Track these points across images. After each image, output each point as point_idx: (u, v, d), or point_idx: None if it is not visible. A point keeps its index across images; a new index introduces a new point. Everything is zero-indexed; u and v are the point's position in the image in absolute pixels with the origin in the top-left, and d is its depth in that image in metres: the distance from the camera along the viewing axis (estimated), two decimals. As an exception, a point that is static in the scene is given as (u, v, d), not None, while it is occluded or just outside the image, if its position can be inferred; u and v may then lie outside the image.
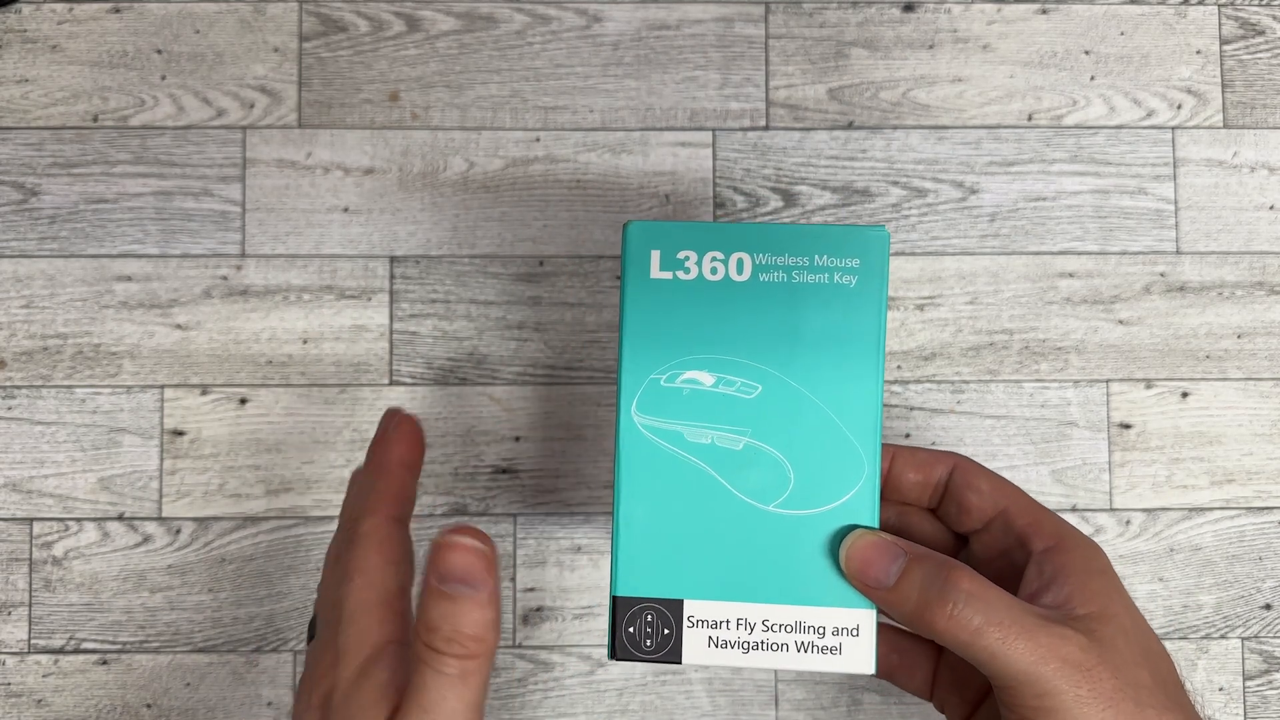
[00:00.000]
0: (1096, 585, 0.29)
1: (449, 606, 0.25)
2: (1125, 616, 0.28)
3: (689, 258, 0.29)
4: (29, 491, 0.43)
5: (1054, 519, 0.31)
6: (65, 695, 0.43)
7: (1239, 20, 0.46)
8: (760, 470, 0.29)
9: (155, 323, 0.44)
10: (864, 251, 0.29)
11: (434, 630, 0.25)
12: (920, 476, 0.33)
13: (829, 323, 0.29)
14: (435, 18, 0.45)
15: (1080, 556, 0.30)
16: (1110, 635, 0.28)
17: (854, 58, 0.45)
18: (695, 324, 0.29)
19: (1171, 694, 0.28)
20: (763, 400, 0.29)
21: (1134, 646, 0.28)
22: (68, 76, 0.44)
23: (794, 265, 0.29)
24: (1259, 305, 0.45)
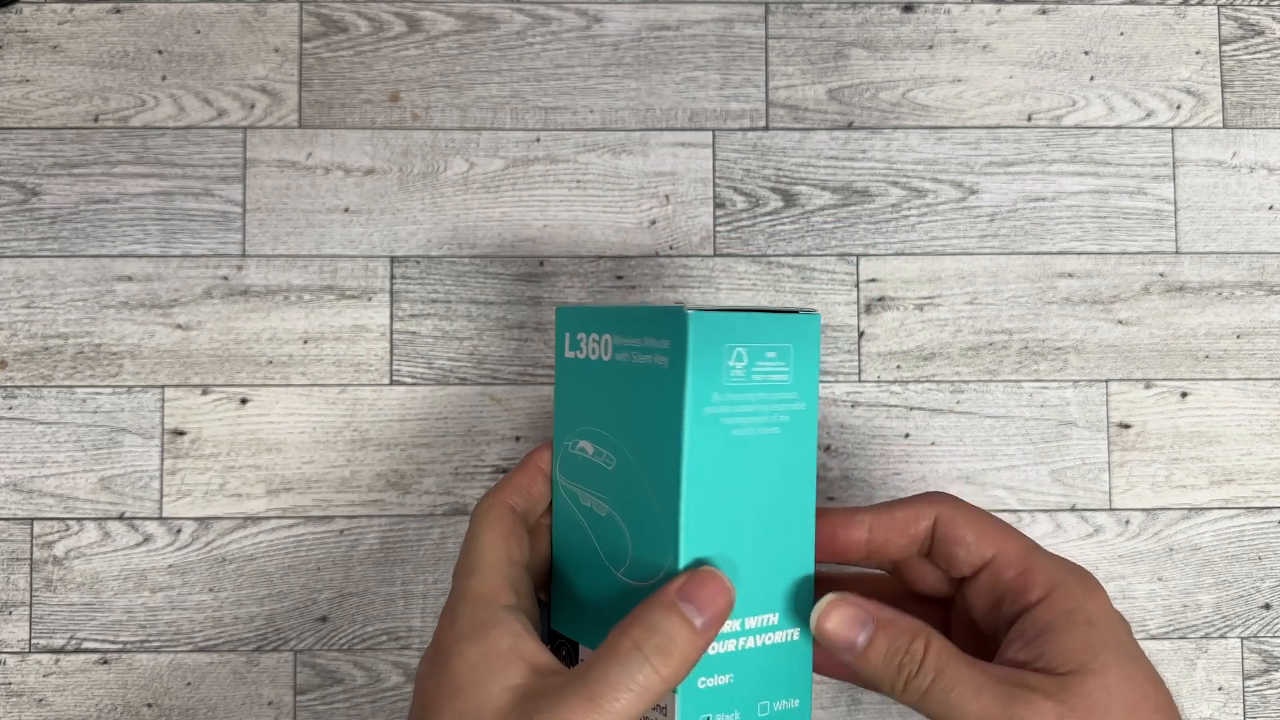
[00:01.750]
0: (1081, 640, 0.28)
1: (675, 622, 0.26)
2: (1112, 670, 0.27)
3: (583, 339, 0.32)
4: (30, 491, 0.43)
5: (1046, 566, 0.30)
6: (66, 695, 0.43)
7: (1238, 20, 0.46)
8: (614, 537, 0.31)
9: (156, 323, 0.44)
10: (669, 333, 0.29)
11: (652, 632, 0.26)
12: (903, 540, 0.32)
13: (650, 402, 0.29)
14: (436, 18, 0.45)
15: (1068, 609, 0.29)
16: (1086, 692, 0.27)
17: (854, 58, 0.45)
18: (584, 398, 0.32)
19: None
20: (616, 472, 0.31)
21: (1115, 703, 0.27)
22: (68, 77, 0.44)
23: (632, 346, 0.30)
24: (1258, 305, 0.45)
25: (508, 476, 0.33)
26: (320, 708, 0.43)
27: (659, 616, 0.26)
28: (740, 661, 0.29)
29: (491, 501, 0.32)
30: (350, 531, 0.44)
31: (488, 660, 0.27)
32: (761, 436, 0.29)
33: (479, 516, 0.32)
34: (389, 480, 0.44)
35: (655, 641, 0.26)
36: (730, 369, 0.29)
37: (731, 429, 0.29)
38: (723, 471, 0.29)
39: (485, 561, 0.30)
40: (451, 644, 0.28)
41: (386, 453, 0.44)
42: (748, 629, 0.30)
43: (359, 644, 0.43)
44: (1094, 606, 0.29)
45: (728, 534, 0.29)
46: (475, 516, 0.32)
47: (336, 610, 0.43)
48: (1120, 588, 0.44)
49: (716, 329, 0.28)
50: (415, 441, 0.44)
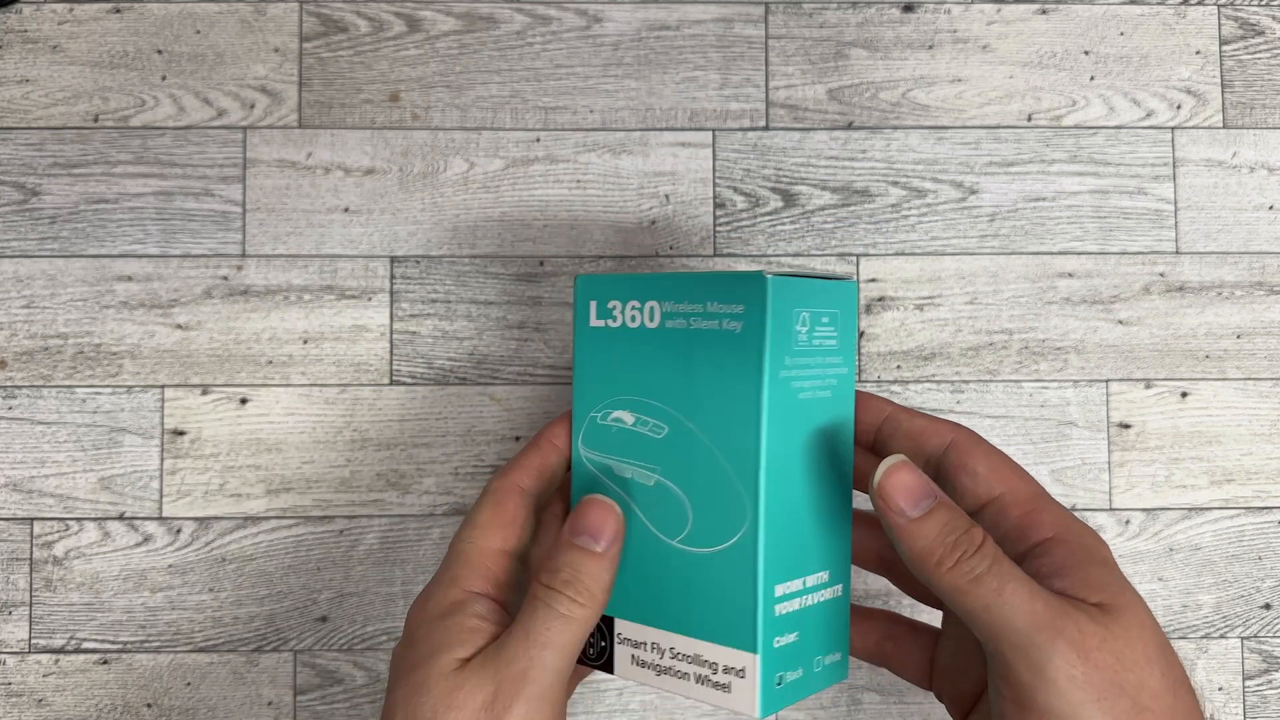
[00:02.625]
0: (1102, 577, 0.27)
1: (575, 555, 0.29)
2: (1141, 610, 0.26)
3: (616, 307, 0.31)
4: (30, 491, 0.43)
5: (1054, 510, 0.29)
6: (66, 695, 0.43)
7: (1238, 20, 0.46)
8: (666, 506, 0.31)
9: (156, 323, 0.44)
10: (746, 298, 0.29)
11: (555, 573, 0.29)
12: (911, 445, 0.31)
13: (718, 369, 0.30)
14: (435, 18, 0.45)
15: (1083, 548, 0.28)
16: (1122, 626, 0.26)
17: (854, 58, 0.45)
18: (620, 367, 0.31)
19: (1183, 701, 0.26)
20: (669, 441, 0.31)
21: (1148, 642, 0.26)
22: (68, 77, 0.44)
23: (691, 312, 0.30)
24: (1258, 305, 0.45)
25: (520, 455, 0.33)
26: (320, 708, 0.43)
27: (560, 555, 0.29)
28: (803, 619, 0.30)
29: (499, 484, 0.32)
30: (350, 531, 0.44)
31: (447, 639, 0.29)
32: (817, 399, 0.30)
33: (484, 498, 0.32)
34: (389, 480, 0.44)
35: (563, 576, 0.29)
36: (797, 334, 0.30)
37: (798, 392, 0.30)
38: (790, 434, 0.30)
39: (473, 547, 0.31)
40: (418, 625, 0.30)
41: (386, 453, 0.44)
42: (808, 587, 0.31)
43: (359, 644, 0.43)
44: (1106, 553, 0.29)
45: (793, 494, 0.30)
46: (482, 496, 0.32)
47: (336, 610, 0.43)
48: (1120, 588, 0.44)
49: (789, 294, 0.29)
50: (415, 441, 0.44)
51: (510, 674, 0.28)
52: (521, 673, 0.28)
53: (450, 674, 0.28)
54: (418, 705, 0.28)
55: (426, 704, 0.28)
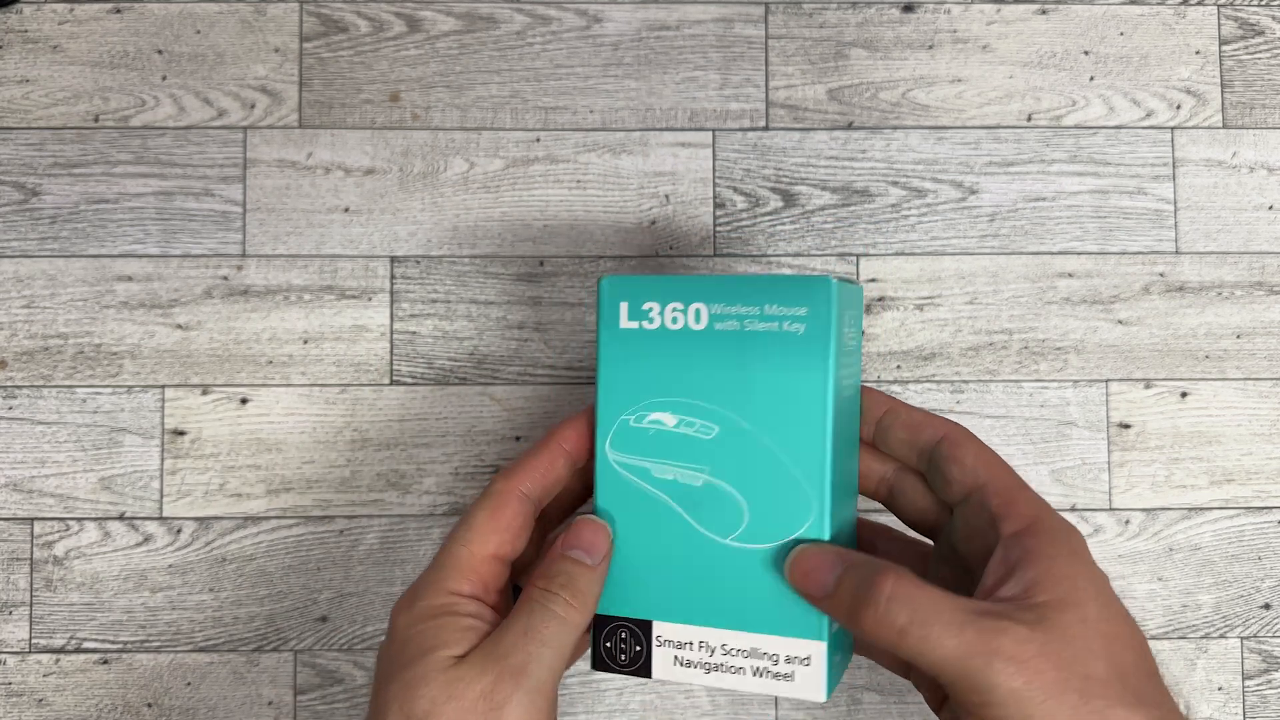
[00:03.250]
0: (1060, 571, 0.28)
1: (569, 565, 0.30)
2: (1090, 604, 0.27)
3: (653, 309, 0.31)
4: (30, 491, 0.43)
5: (1031, 501, 0.30)
6: (66, 695, 0.43)
7: (1238, 20, 0.46)
8: (717, 505, 0.31)
9: (156, 323, 0.44)
10: (810, 300, 0.30)
11: (552, 578, 0.30)
12: (907, 436, 0.32)
13: (779, 369, 0.30)
14: (436, 18, 0.45)
15: (1048, 541, 0.28)
16: (1064, 624, 0.26)
17: (854, 58, 0.45)
18: (659, 369, 0.31)
19: (1132, 685, 0.26)
20: (720, 440, 0.31)
21: (1092, 635, 0.27)
22: (69, 77, 0.44)
23: (746, 314, 0.30)
24: (1258, 305, 0.45)
25: (526, 456, 0.33)
26: (320, 708, 0.43)
27: (556, 565, 0.31)
28: None
29: (501, 486, 0.32)
30: (350, 531, 0.44)
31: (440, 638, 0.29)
32: (849, 396, 0.32)
33: (485, 499, 0.32)
34: (389, 480, 0.44)
35: (560, 580, 0.30)
36: (845, 334, 0.31)
37: (843, 390, 0.31)
38: (838, 429, 0.31)
39: (465, 551, 0.31)
40: (407, 625, 0.30)
41: (386, 453, 0.44)
42: None
43: (359, 644, 0.43)
44: (1076, 543, 0.29)
45: (841, 486, 0.31)
46: (482, 497, 0.32)
47: (336, 610, 0.43)
48: (1120, 588, 0.44)
49: (843, 298, 0.31)
50: (415, 441, 0.44)
51: (509, 666, 0.28)
52: (520, 666, 0.28)
53: (446, 669, 0.28)
54: (413, 699, 0.28)
55: (424, 696, 0.28)
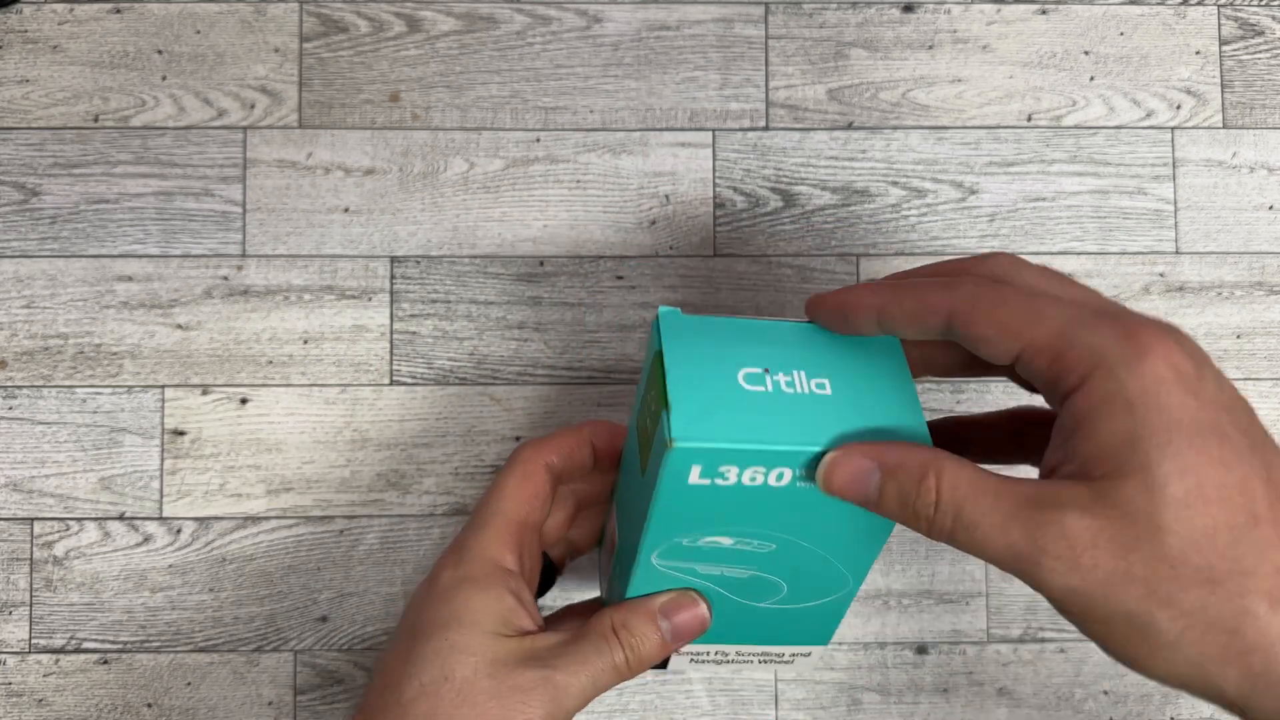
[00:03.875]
0: (1118, 432, 0.23)
1: (653, 635, 0.31)
2: (1163, 464, 0.22)
3: (731, 471, 0.27)
4: (30, 491, 0.43)
5: (1082, 344, 0.24)
6: (66, 695, 0.43)
7: (1238, 20, 0.46)
8: (756, 587, 0.32)
9: (156, 323, 0.44)
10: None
11: (631, 633, 0.30)
12: (914, 330, 0.28)
13: (855, 511, 0.28)
14: (435, 18, 0.45)
15: (1104, 395, 0.24)
16: (1124, 498, 0.22)
17: (854, 58, 0.45)
18: (725, 512, 0.28)
19: (1212, 557, 0.22)
20: (775, 553, 0.30)
21: (1162, 503, 0.22)
22: (68, 77, 0.44)
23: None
24: (1258, 305, 0.45)
25: (555, 435, 0.33)
26: (320, 708, 0.43)
27: (641, 623, 0.31)
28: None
29: (531, 454, 0.32)
30: (350, 531, 0.44)
31: (487, 609, 0.30)
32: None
33: (514, 466, 0.32)
34: (389, 480, 0.44)
35: (635, 641, 0.30)
36: None
37: None
38: None
39: (502, 517, 0.32)
40: (455, 583, 0.30)
41: (386, 453, 0.44)
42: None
43: (359, 644, 0.43)
44: (1139, 384, 0.23)
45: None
46: (511, 464, 0.32)
47: (336, 610, 0.43)
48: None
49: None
50: (415, 441, 0.44)
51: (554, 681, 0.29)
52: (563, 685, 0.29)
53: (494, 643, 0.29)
54: (455, 661, 0.28)
55: (466, 664, 0.28)
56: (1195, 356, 0.24)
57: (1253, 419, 0.24)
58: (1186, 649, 0.22)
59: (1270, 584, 0.22)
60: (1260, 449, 0.23)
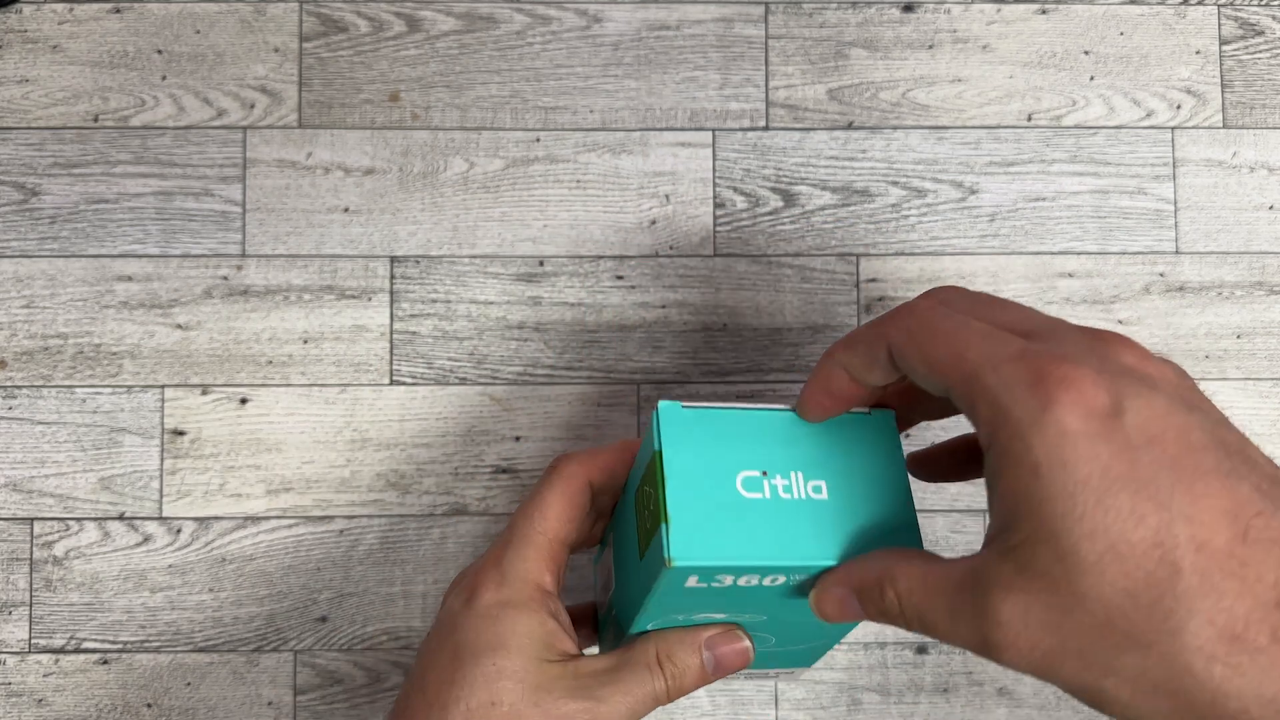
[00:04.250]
0: (1025, 498, 0.22)
1: (697, 669, 0.31)
2: (1066, 535, 0.21)
3: (726, 578, 0.28)
4: (30, 491, 0.43)
5: (990, 394, 0.23)
6: (66, 695, 0.43)
7: (1239, 20, 0.46)
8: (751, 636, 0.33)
9: (156, 323, 0.44)
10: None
11: (674, 664, 0.31)
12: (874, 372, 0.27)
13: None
14: (435, 18, 0.45)
15: (1008, 457, 0.22)
16: (1041, 567, 0.21)
17: (854, 58, 0.45)
18: (717, 601, 0.30)
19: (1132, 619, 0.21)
20: (765, 622, 0.32)
21: (1077, 571, 0.21)
22: (68, 77, 0.44)
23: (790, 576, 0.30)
24: (1258, 305, 0.45)
25: (597, 451, 0.33)
26: (320, 708, 0.43)
27: (686, 654, 0.31)
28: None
29: (576, 471, 0.32)
30: (350, 531, 0.44)
31: (532, 634, 0.30)
32: None
33: (557, 482, 0.32)
34: (389, 480, 0.44)
35: (677, 670, 0.31)
36: None
37: None
38: None
39: (544, 536, 0.31)
40: (498, 605, 0.30)
41: (386, 453, 0.44)
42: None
43: (359, 644, 0.43)
44: (1043, 442, 0.22)
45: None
46: (554, 479, 0.32)
47: (336, 610, 0.43)
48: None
49: None
50: (415, 441, 0.44)
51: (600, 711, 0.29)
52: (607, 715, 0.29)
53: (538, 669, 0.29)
54: (499, 689, 0.29)
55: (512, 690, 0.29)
56: (1115, 386, 0.22)
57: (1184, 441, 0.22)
58: (1143, 710, 0.21)
59: (1202, 638, 0.20)
60: (1187, 481, 0.21)
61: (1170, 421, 0.22)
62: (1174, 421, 0.22)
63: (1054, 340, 0.24)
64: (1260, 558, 0.20)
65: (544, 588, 0.31)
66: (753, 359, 0.44)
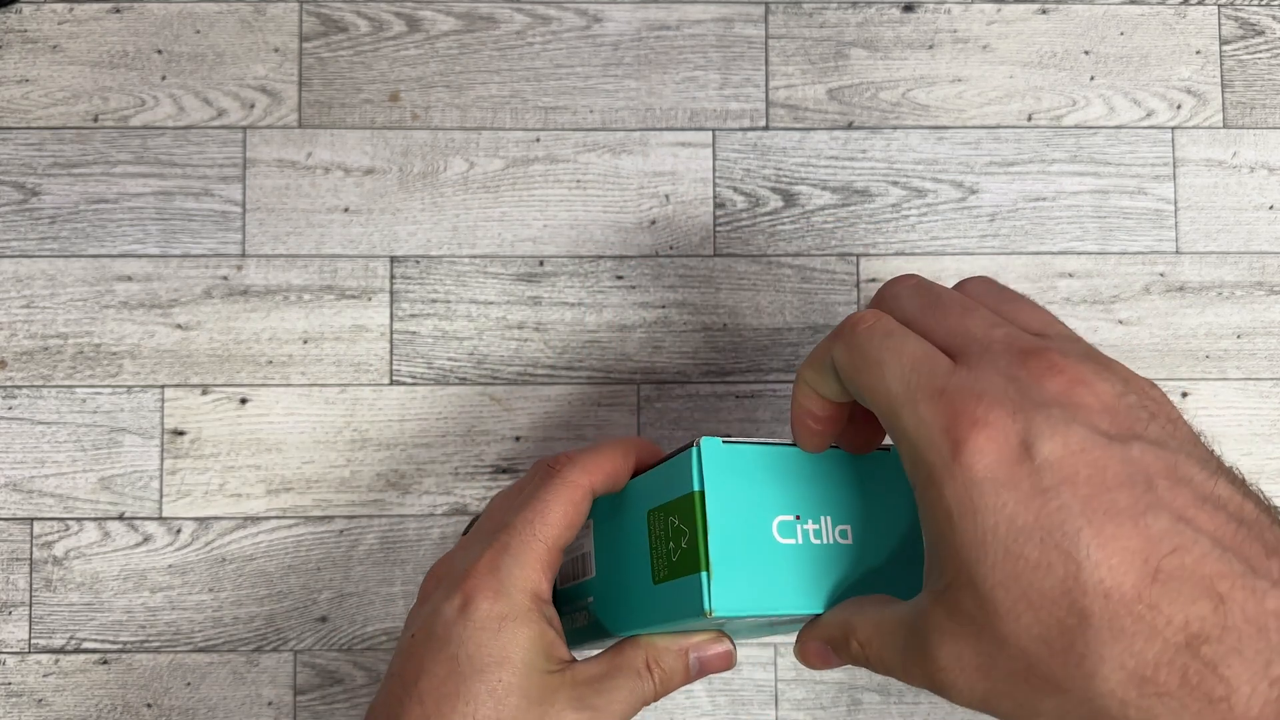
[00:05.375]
0: (945, 545, 0.22)
1: (683, 672, 0.32)
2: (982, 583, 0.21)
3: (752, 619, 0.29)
4: (30, 491, 0.43)
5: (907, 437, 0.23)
6: (66, 695, 0.43)
7: (1239, 20, 0.46)
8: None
9: (156, 323, 0.44)
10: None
11: (663, 669, 0.31)
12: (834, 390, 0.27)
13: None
14: (435, 18, 0.45)
15: (927, 503, 0.23)
16: (967, 611, 0.22)
17: (854, 58, 0.45)
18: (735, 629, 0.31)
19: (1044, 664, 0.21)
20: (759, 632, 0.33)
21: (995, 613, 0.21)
22: (68, 76, 0.44)
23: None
24: (1258, 305, 0.45)
25: (599, 453, 0.32)
26: (320, 708, 0.43)
27: (674, 660, 0.31)
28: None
29: (578, 478, 0.31)
30: (350, 531, 0.43)
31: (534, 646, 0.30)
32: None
33: (560, 489, 0.31)
34: (389, 480, 0.44)
35: (662, 675, 0.31)
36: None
37: None
38: None
39: (544, 544, 0.31)
40: (498, 618, 0.30)
41: (386, 453, 0.44)
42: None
43: (359, 644, 0.43)
44: (955, 491, 0.22)
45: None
46: (556, 485, 0.31)
47: (336, 610, 0.43)
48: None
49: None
50: (415, 441, 0.44)
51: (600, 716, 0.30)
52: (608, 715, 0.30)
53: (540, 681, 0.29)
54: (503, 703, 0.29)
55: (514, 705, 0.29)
56: (1030, 423, 0.21)
57: (1098, 480, 0.21)
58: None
59: (1114, 683, 0.20)
60: (1097, 524, 0.21)
61: (1084, 458, 0.21)
62: (1088, 458, 0.21)
63: (980, 368, 0.23)
64: (1170, 599, 0.20)
65: (541, 596, 0.31)
66: (753, 359, 0.44)
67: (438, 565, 0.33)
